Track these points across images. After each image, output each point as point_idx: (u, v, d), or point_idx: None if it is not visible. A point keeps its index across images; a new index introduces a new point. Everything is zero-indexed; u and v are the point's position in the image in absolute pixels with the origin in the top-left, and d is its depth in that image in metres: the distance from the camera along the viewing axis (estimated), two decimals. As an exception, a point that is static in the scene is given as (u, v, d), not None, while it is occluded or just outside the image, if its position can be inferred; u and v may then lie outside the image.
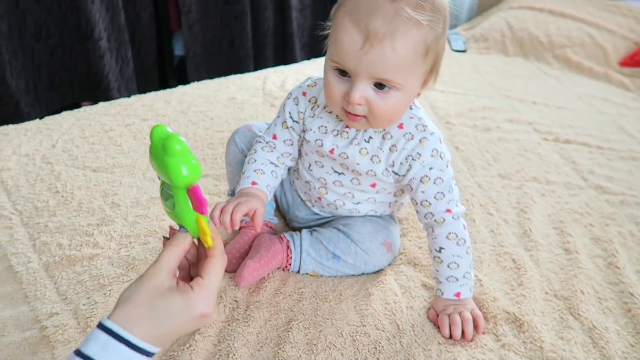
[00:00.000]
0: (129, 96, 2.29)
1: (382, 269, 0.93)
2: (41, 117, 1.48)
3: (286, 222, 1.05)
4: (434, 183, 0.82)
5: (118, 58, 2.23)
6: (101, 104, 1.50)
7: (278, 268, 0.91)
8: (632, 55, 1.90)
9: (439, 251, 0.83)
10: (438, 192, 0.82)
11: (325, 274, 0.91)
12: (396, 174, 0.84)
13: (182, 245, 0.59)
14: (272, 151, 0.91)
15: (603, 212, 1.12)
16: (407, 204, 1.02)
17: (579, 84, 1.86)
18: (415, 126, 0.82)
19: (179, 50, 2.55)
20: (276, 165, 0.91)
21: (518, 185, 1.20)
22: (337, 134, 0.84)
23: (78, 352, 0.52)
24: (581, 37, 2.02)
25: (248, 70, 2.62)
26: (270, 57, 2.75)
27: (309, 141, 0.87)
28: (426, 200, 0.83)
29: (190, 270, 0.64)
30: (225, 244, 0.93)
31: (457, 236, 0.83)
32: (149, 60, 2.40)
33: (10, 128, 1.34)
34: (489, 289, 0.88)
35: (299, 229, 0.98)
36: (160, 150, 0.54)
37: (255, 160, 0.90)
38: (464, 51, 2.15)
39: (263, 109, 1.52)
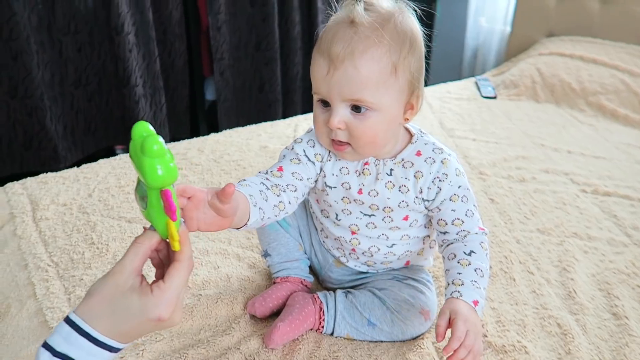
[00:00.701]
0: (161, 141, 2.35)
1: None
2: (77, 162, 1.52)
3: (319, 280, 1.03)
4: (462, 201, 0.84)
5: (152, 103, 2.29)
6: (136, 152, 1.53)
7: (310, 330, 0.89)
8: (669, 103, 1.86)
9: (469, 254, 0.81)
10: (468, 210, 0.84)
11: (360, 338, 0.88)
12: (425, 200, 0.84)
13: (148, 244, 0.59)
14: (268, 179, 0.82)
15: (650, 271, 1.07)
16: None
17: (614, 132, 1.82)
18: (433, 150, 0.84)
19: (210, 95, 2.61)
20: (267, 188, 0.80)
21: (558, 241, 1.16)
22: (360, 174, 0.85)
23: (44, 344, 0.54)
24: (615, 83, 2.00)
25: (277, 114, 2.66)
26: (299, 102, 2.79)
27: (334, 187, 0.86)
28: (458, 219, 0.83)
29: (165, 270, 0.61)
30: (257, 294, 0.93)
31: (486, 249, 0.83)
32: (181, 105, 2.46)
33: (50, 176, 1.37)
34: (535, 357, 0.84)
35: (333, 289, 0.95)
36: (138, 149, 0.53)
37: (245, 180, 0.81)
38: (494, 97, 2.14)
39: (294, 157, 1.53)
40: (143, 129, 0.55)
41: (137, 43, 2.17)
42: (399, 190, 0.84)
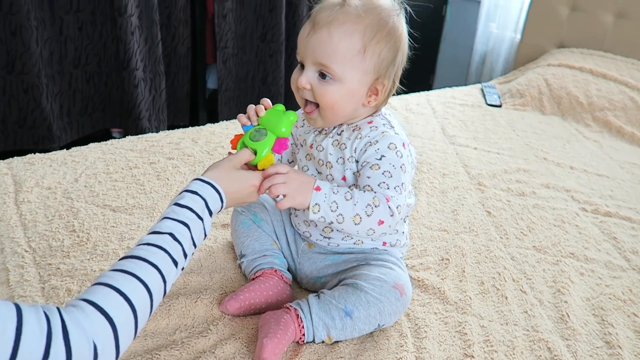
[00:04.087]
0: (158, 127, 2.31)
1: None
2: (72, 143, 1.48)
3: (297, 281, 1.00)
4: (383, 174, 0.85)
5: (152, 88, 2.25)
6: (128, 138, 1.49)
7: (293, 341, 0.85)
8: (677, 124, 1.82)
9: (352, 190, 0.86)
10: (382, 182, 0.85)
11: (341, 337, 0.85)
12: (357, 160, 0.89)
13: (246, 155, 0.86)
14: None
15: (647, 299, 1.03)
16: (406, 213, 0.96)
17: (619, 149, 1.79)
18: (383, 124, 0.90)
19: (212, 83, 2.57)
20: None
21: (554, 260, 1.13)
22: (318, 133, 0.93)
23: (189, 191, 0.80)
24: (623, 100, 1.95)
25: (279, 108, 2.62)
26: (302, 97, 2.75)
27: (300, 145, 0.97)
28: (368, 186, 0.86)
29: None
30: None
31: (371, 204, 0.84)
32: (181, 91, 2.42)
33: (37, 157, 1.34)
34: (521, 383, 0.80)
35: (310, 289, 0.96)
36: (281, 111, 0.88)
37: None
38: (499, 106, 2.09)
39: (290, 154, 1.49)
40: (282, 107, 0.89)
41: (139, 25, 2.13)
42: (339, 147, 0.90)
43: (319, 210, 0.84)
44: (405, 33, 0.87)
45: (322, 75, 0.84)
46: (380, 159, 0.86)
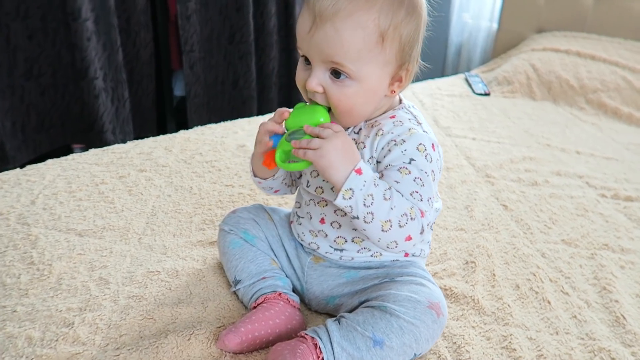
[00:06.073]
0: (124, 140, 2.12)
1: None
2: (27, 163, 1.29)
3: (305, 303, 0.85)
4: (414, 181, 0.70)
5: (114, 98, 2.07)
6: (92, 151, 1.31)
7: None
8: (675, 101, 1.76)
9: (390, 189, 0.70)
10: (415, 192, 0.70)
11: None
12: (378, 161, 0.74)
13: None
14: None
15: (697, 289, 0.92)
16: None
17: (620, 131, 1.70)
18: (409, 119, 0.75)
19: (179, 90, 2.40)
20: None
21: (589, 254, 1.01)
22: None
23: None
24: (616, 80, 1.88)
25: (252, 112, 2.48)
26: (275, 99, 2.61)
27: None
28: (398, 192, 0.70)
29: None
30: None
31: (408, 215, 0.69)
32: (147, 100, 2.24)
33: (-16, 180, 1.14)
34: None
35: (322, 312, 0.81)
36: (309, 106, 0.74)
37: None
38: (487, 94, 1.99)
39: (277, 158, 1.34)
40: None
41: (96, 31, 1.94)
42: (357, 148, 0.74)
43: (350, 197, 0.68)
44: None
45: (336, 74, 0.70)
46: (409, 163, 0.71)
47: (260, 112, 2.51)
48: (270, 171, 0.82)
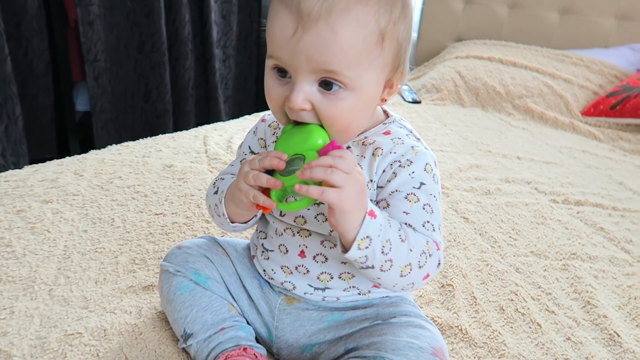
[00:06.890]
0: (17, 164, 1.82)
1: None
2: None
3: (272, 354, 0.70)
4: (423, 209, 0.60)
5: (3, 115, 1.77)
6: (-21, 181, 1.06)
7: None
8: (594, 105, 1.82)
9: (404, 229, 0.58)
10: (427, 222, 0.60)
11: None
12: (379, 186, 0.63)
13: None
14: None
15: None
16: None
17: (550, 135, 1.73)
18: (406, 134, 0.65)
19: (82, 104, 2.12)
20: None
21: (561, 265, 0.96)
22: None
23: None
24: (539, 86, 1.93)
25: (167, 127, 2.27)
26: (192, 111, 2.42)
27: None
28: (409, 224, 0.60)
29: None
30: None
31: (425, 253, 0.58)
32: (44, 117, 1.95)
33: None
34: None
35: None
36: (298, 127, 0.58)
37: (223, 178, 0.70)
38: (419, 102, 1.96)
39: (211, 177, 1.17)
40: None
41: (-23, 37, 1.64)
42: None
43: (367, 247, 0.54)
44: None
45: (326, 85, 0.56)
46: (419, 188, 0.61)
47: (177, 127, 2.30)
48: (252, 213, 0.66)
